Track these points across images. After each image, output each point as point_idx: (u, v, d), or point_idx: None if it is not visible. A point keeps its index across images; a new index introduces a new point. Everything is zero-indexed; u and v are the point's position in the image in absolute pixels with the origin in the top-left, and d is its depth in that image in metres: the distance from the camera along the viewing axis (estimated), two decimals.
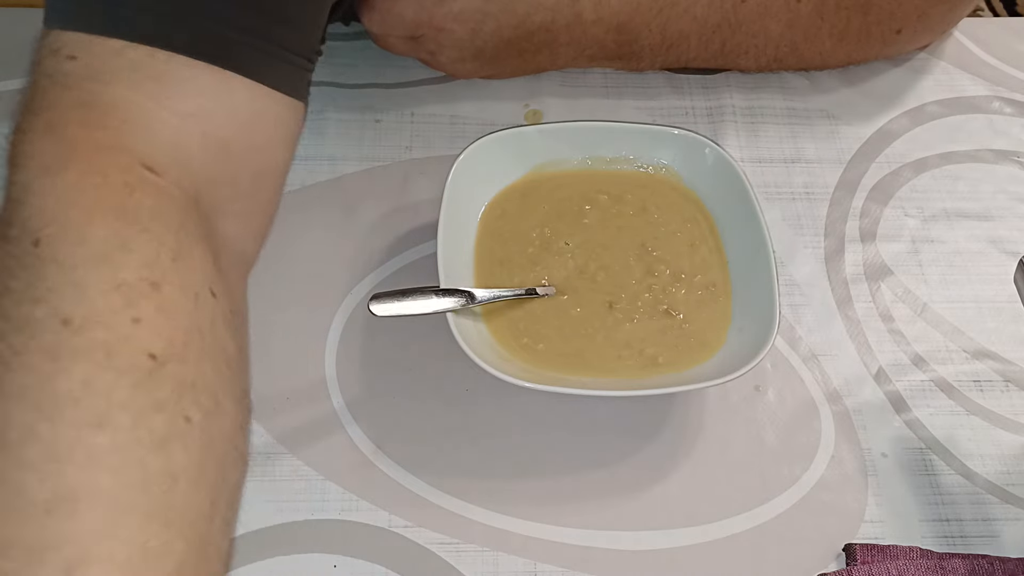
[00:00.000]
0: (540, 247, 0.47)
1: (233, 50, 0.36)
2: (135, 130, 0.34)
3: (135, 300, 0.30)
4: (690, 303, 0.45)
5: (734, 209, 0.47)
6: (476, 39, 0.51)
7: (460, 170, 0.46)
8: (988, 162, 0.57)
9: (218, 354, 0.33)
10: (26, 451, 0.27)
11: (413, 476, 0.43)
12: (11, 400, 0.28)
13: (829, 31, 0.55)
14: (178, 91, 0.35)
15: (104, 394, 0.28)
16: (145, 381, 0.29)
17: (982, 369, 0.48)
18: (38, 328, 0.29)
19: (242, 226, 0.39)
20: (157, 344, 0.30)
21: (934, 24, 0.58)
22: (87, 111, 0.33)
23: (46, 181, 0.31)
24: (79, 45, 0.34)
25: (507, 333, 0.44)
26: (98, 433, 0.28)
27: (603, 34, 0.53)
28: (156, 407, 0.29)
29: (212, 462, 0.31)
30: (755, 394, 0.47)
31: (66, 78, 0.34)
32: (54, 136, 0.33)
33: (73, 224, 0.30)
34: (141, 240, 0.31)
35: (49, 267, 0.30)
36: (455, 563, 0.41)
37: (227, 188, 0.37)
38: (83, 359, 0.29)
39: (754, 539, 0.42)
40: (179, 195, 0.34)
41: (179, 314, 0.31)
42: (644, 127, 0.50)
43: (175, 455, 0.29)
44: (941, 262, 0.52)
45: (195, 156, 0.35)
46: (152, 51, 0.34)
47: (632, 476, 0.44)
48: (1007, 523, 0.43)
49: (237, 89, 0.36)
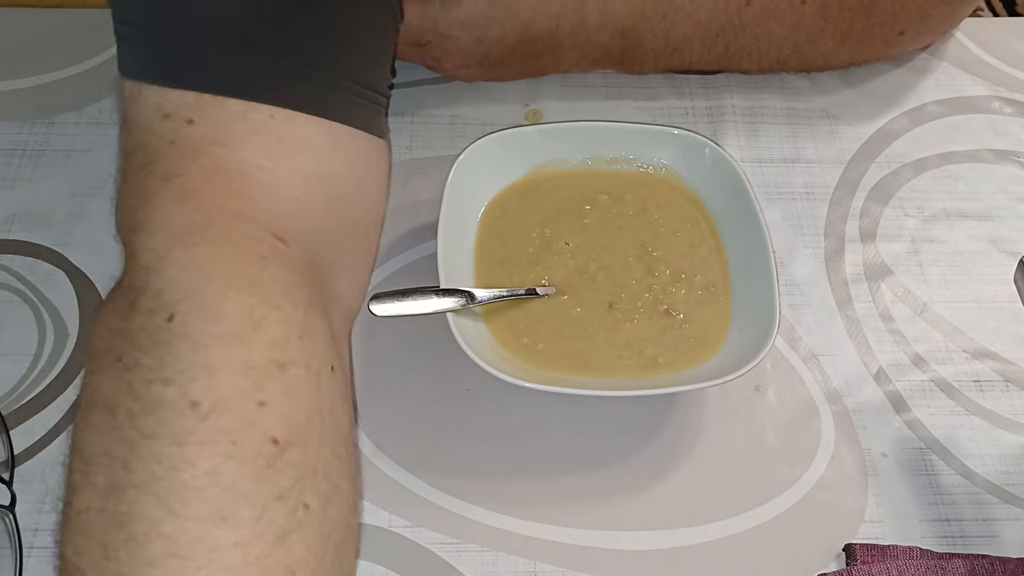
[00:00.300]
0: (540, 247, 0.47)
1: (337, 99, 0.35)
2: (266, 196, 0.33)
3: (263, 383, 0.30)
4: (690, 303, 0.45)
5: (734, 209, 0.47)
6: (481, 46, 0.51)
7: (460, 170, 0.46)
8: (988, 162, 0.57)
9: (336, 435, 0.32)
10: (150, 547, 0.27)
11: (413, 476, 0.43)
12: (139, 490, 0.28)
13: (832, 33, 0.55)
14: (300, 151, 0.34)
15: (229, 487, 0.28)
16: (267, 470, 0.29)
17: (982, 369, 0.48)
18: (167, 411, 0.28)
19: (351, 279, 0.39)
20: (280, 429, 0.30)
21: (936, 25, 0.58)
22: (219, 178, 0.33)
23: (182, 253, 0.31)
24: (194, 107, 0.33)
25: (507, 333, 0.44)
26: (221, 528, 0.28)
27: (607, 39, 0.53)
28: (278, 497, 0.29)
29: (330, 549, 0.31)
30: (755, 394, 0.47)
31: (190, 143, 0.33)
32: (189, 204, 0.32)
33: (208, 301, 0.30)
34: (272, 319, 0.31)
35: (182, 345, 0.29)
36: (455, 563, 0.41)
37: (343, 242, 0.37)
38: (209, 448, 0.28)
39: (754, 539, 0.42)
40: (306, 266, 0.34)
41: (302, 395, 0.31)
42: (644, 127, 0.50)
43: (295, 548, 0.29)
44: (941, 262, 0.52)
45: (318, 217, 0.35)
46: (272, 110, 0.33)
47: (632, 476, 0.44)
48: (1007, 523, 0.43)
49: (347, 141, 0.36)
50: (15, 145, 0.53)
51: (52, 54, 0.56)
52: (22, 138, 0.53)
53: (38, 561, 0.40)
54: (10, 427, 0.43)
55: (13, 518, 0.40)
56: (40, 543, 0.40)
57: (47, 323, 0.46)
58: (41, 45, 0.57)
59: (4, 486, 0.41)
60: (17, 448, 0.43)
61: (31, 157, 0.52)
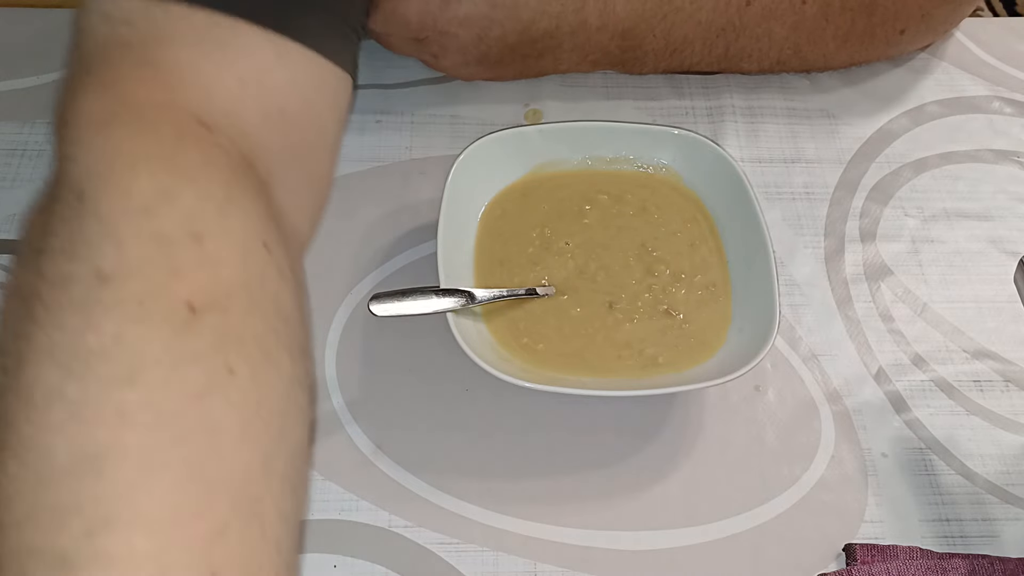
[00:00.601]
0: (540, 247, 0.47)
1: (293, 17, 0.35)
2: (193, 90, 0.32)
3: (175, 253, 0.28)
4: (690, 303, 0.45)
5: (734, 209, 0.47)
6: (480, 44, 0.51)
7: (460, 170, 0.46)
8: (988, 162, 0.57)
9: (269, 307, 0.31)
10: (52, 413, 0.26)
11: (413, 476, 0.43)
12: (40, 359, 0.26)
13: (833, 33, 0.55)
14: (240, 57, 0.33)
15: (136, 348, 0.27)
16: (181, 333, 0.27)
17: (982, 369, 0.48)
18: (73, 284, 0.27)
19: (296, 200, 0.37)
20: (197, 296, 0.28)
21: (937, 24, 0.58)
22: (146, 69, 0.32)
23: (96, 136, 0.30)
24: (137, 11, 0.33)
25: (507, 333, 0.44)
26: (128, 389, 0.26)
27: (607, 40, 0.53)
28: (193, 359, 0.27)
29: (263, 417, 0.29)
30: (755, 394, 0.47)
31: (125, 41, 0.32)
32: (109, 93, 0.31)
33: (118, 177, 0.29)
34: (188, 192, 0.29)
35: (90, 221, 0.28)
36: (455, 563, 0.41)
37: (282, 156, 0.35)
38: (115, 313, 0.27)
39: (754, 539, 0.42)
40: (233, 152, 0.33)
41: (223, 267, 0.29)
42: (644, 127, 0.50)
43: (215, 408, 0.27)
44: (941, 262, 0.52)
45: (252, 121, 0.34)
46: (219, 18, 0.33)
47: (632, 476, 0.44)
48: (1007, 523, 0.43)
49: (297, 58, 0.35)
50: (15, 145, 0.53)
51: (52, 54, 0.56)
52: (22, 138, 0.53)
53: None
54: None
55: None
56: None
57: None
58: (41, 45, 0.57)
59: None
60: None
61: (31, 157, 0.52)
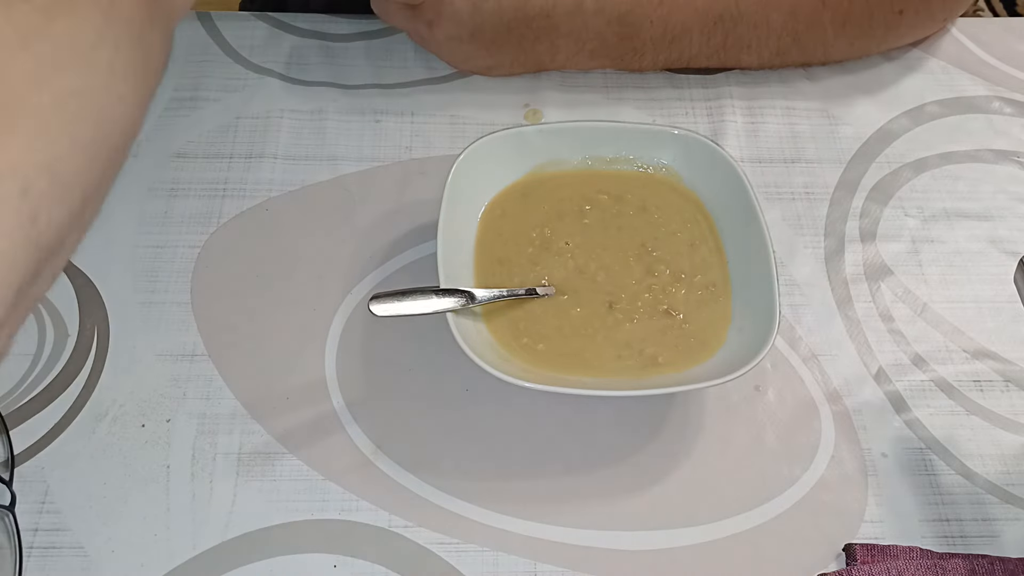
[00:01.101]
0: (540, 247, 0.47)
1: None
2: None
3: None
4: (690, 303, 0.45)
5: (734, 209, 0.47)
6: (476, 15, 0.51)
7: (460, 170, 0.46)
8: (988, 162, 0.57)
9: None
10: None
11: (413, 476, 0.43)
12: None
13: (831, 17, 0.55)
14: None
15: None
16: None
17: (982, 369, 0.48)
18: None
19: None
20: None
21: (936, 9, 0.58)
22: None
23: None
24: None
25: (507, 333, 0.44)
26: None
27: (604, 25, 0.53)
28: None
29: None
30: (755, 394, 0.47)
31: None
32: None
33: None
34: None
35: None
36: (455, 563, 0.41)
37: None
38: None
39: (754, 539, 0.42)
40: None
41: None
42: (644, 127, 0.50)
43: None
44: (941, 262, 0.52)
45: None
46: None
47: (632, 476, 0.44)
48: (1007, 523, 0.43)
49: None
50: None
51: None
52: None
53: (38, 561, 0.40)
54: (10, 427, 0.43)
55: (13, 518, 0.40)
56: (40, 543, 0.40)
57: (47, 323, 0.46)
58: None
59: (4, 486, 0.41)
60: (17, 448, 0.43)
61: None
